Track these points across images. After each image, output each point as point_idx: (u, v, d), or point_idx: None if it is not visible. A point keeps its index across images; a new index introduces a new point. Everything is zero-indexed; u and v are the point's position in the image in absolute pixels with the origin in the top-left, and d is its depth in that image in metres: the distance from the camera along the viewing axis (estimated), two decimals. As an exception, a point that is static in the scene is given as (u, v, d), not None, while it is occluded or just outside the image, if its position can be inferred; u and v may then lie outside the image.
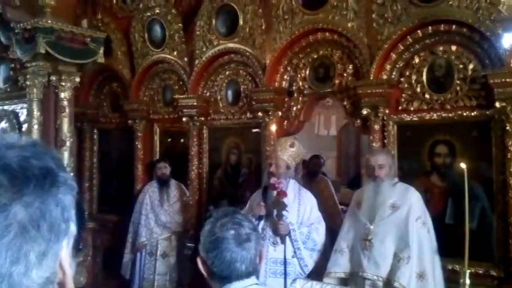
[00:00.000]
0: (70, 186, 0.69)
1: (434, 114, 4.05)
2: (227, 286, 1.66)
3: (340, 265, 3.65)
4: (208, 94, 5.53)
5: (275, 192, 3.67)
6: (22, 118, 4.70)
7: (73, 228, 0.69)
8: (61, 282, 0.68)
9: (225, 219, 1.70)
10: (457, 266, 3.65)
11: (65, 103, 4.36)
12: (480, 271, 3.72)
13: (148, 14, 5.74)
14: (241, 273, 1.66)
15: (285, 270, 3.67)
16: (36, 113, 4.30)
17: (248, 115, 5.21)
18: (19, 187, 0.62)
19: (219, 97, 5.47)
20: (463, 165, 2.57)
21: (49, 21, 4.04)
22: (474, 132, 3.89)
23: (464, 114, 3.90)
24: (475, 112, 3.86)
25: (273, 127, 4.15)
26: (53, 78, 4.34)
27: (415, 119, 4.15)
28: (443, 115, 4.00)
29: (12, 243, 0.60)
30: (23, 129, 4.58)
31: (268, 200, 3.78)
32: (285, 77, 4.93)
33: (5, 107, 5.01)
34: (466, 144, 3.90)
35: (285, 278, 3.65)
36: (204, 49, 5.32)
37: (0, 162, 0.63)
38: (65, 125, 4.36)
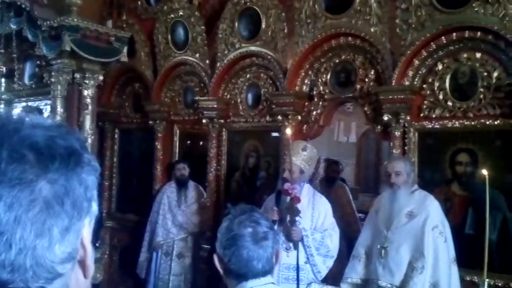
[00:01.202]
0: (94, 167, 0.70)
1: (457, 122, 3.98)
2: (243, 284, 1.66)
3: (357, 271, 3.62)
4: (228, 97, 5.55)
5: (288, 198, 3.62)
6: (46, 114, 4.79)
7: (95, 208, 0.71)
8: (82, 260, 0.69)
9: (242, 217, 1.70)
10: (475, 277, 3.59)
11: (88, 100, 4.44)
12: (500, 284, 3.63)
13: (172, 16, 5.80)
14: (257, 272, 1.66)
15: (297, 276, 3.64)
16: (59, 109, 4.37)
17: (268, 118, 5.20)
18: (45, 164, 0.63)
19: (239, 100, 5.48)
20: (484, 172, 2.53)
21: (75, 20, 4.11)
22: (497, 142, 3.82)
23: (487, 122, 3.83)
24: (498, 121, 3.79)
25: (288, 131, 4.09)
26: (77, 75, 4.41)
27: (437, 126, 4.09)
28: (466, 123, 3.93)
29: (37, 217, 0.62)
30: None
31: (281, 205, 3.74)
32: (306, 81, 4.91)
33: (30, 103, 5.12)
34: (489, 153, 3.83)
35: (297, 284, 3.62)
36: (226, 52, 5.35)
37: (28, 140, 0.64)
38: (88, 122, 4.43)
